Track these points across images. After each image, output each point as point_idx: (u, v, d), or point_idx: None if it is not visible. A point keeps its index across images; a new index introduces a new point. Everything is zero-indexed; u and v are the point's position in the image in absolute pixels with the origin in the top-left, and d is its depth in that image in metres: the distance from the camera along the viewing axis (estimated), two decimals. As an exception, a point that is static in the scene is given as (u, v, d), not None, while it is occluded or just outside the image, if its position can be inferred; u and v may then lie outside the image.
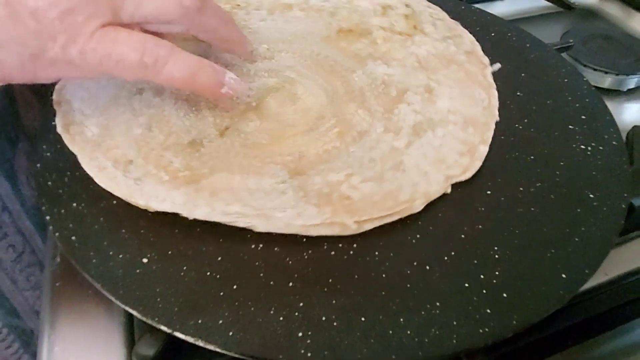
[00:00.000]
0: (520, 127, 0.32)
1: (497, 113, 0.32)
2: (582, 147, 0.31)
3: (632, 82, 0.47)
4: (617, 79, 0.46)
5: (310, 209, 0.24)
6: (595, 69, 0.46)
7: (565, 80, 0.36)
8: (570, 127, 0.32)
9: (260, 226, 0.24)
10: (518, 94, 0.34)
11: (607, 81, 0.47)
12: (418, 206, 0.25)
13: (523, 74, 0.36)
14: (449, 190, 0.27)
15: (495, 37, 0.40)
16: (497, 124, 0.31)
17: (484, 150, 0.29)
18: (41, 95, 0.46)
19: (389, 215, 0.25)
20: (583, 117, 0.33)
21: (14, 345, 0.45)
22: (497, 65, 0.35)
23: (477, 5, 0.57)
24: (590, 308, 0.27)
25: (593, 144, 0.31)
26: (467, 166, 0.28)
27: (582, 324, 0.26)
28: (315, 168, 0.26)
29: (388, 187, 0.25)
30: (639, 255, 0.30)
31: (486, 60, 0.36)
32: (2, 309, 0.43)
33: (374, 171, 0.26)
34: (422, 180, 0.26)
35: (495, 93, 0.33)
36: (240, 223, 0.24)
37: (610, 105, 0.46)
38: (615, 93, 0.47)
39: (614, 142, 0.31)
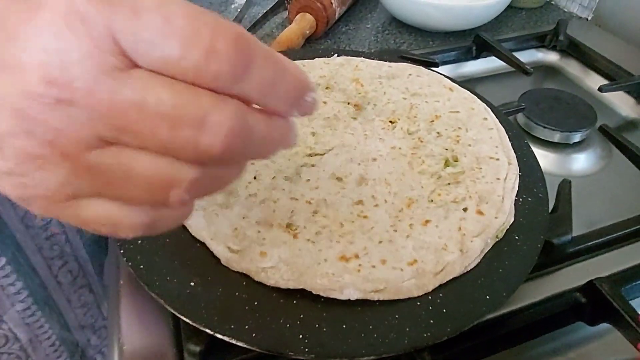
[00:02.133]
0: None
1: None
2: (516, 198, 0.40)
3: (576, 136, 0.56)
4: (564, 135, 0.56)
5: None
6: (545, 127, 0.56)
7: (511, 142, 0.46)
8: (508, 182, 0.42)
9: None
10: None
11: (556, 136, 0.56)
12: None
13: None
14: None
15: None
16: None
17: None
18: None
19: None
20: (520, 173, 0.43)
21: (63, 355, 0.54)
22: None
23: (449, 65, 0.68)
24: (513, 323, 0.37)
25: (524, 196, 0.41)
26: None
27: (506, 336, 0.36)
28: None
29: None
30: (559, 282, 0.39)
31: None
32: (57, 324, 0.52)
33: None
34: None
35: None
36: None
37: (559, 156, 0.57)
38: (563, 146, 0.57)
39: (540, 195, 0.41)
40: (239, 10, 0.75)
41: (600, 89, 0.60)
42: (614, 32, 0.76)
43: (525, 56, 0.72)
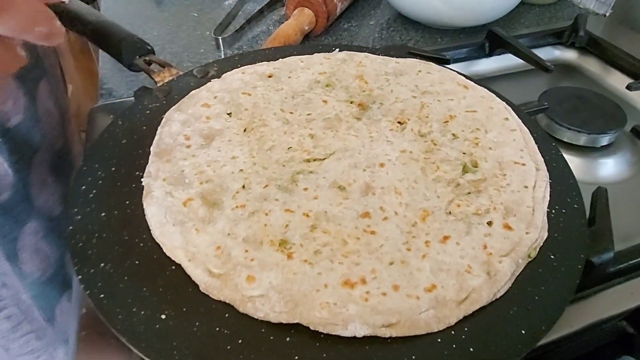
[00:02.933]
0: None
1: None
2: (548, 210, 0.35)
3: (604, 139, 0.51)
4: (590, 137, 0.51)
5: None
6: (569, 129, 0.51)
7: (537, 145, 0.40)
8: (537, 190, 0.36)
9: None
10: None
11: (581, 139, 0.51)
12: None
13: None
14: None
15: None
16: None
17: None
18: (59, 173, 0.50)
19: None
20: (550, 181, 0.37)
21: None
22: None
23: (460, 64, 0.62)
24: (557, 356, 0.31)
25: (557, 207, 0.35)
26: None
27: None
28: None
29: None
30: (600, 308, 0.34)
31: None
32: None
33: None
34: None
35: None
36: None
37: (585, 161, 0.51)
38: (589, 149, 0.51)
39: (575, 205, 0.35)
40: (232, 6, 0.70)
41: (628, 87, 0.55)
42: (635, 29, 0.71)
43: (541, 54, 0.67)
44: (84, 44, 1.17)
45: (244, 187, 0.35)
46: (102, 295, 0.27)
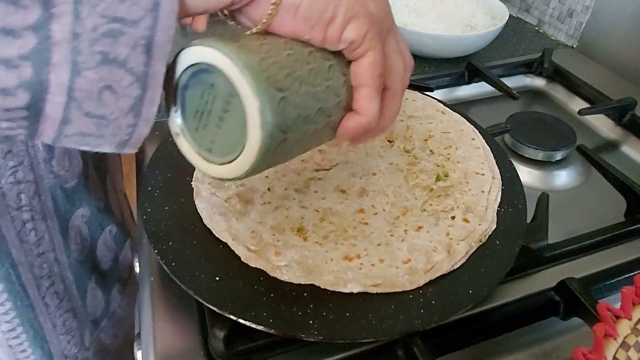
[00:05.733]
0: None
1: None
2: (498, 208, 0.46)
3: (558, 155, 0.62)
4: (546, 153, 0.62)
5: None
6: (529, 146, 0.62)
7: (496, 159, 0.52)
8: (492, 194, 0.48)
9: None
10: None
11: (539, 155, 0.62)
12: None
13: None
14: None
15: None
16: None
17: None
18: (103, 173, 0.60)
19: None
20: (503, 187, 0.48)
21: None
22: None
23: (443, 90, 0.74)
24: (495, 317, 0.42)
25: (506, 207, 0.46)
26: (418, 222, 0.43)
27: (488, 328, 0.41)
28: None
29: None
30: (538, 282, 0.45)
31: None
32: (40, 349, 0.51)
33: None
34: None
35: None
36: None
37: (543, 173, 0.62)
38: (546, 163, 0.62)
39: (519, 206, 0.46)
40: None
41: (580, 112, 0.66)
42: (597, 60, 0.82)
43: (515, 81, 0.79)
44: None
45: (269, 189, 0.46)
46: (173, 264, 0.39)
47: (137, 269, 0.50)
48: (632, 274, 0.45)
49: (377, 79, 0.30)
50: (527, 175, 0.61)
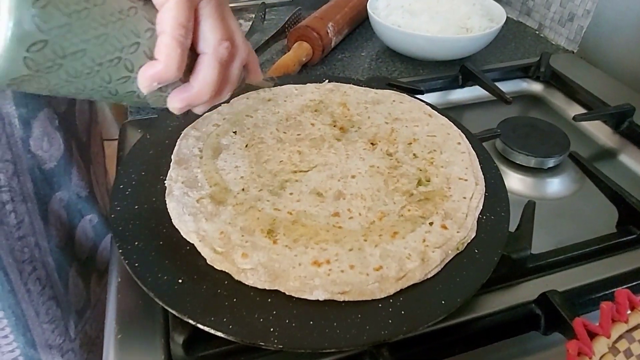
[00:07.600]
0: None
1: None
2: (480, 215, 0.44)
3: (550, 162, 0.60)
4: (538, 160, 0.60)
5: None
6: (520, 152, 0.60)
7: (481, 165, 0.50)
8: (475, 201, 0.46)
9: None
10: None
11: (532, 161, 0.60)
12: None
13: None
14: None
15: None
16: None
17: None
18: (87, 163, 0.59)
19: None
20: (486, 194, 0.47)
21: None
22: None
23: (437, 93, 0.72)
24: (471, 329, 0.40)
25: (488, 214, 0.44)
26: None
27: (463, 340, 0.39)
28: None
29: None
30: (520, 294, 0.43)
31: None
32: (24, 338, 0.50)
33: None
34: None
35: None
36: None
37: (535, 180, 0.60)
38: (538, 170, 0.60)
39: (502, 213, 0.45)
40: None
41: (574, 118, 0.64)
42: (597, 65, 0.80)
43: (511, 86, 0.77)
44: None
45: (243, 190, 0.45)
46: (136, 264, 0.37)
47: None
48: (620, 288, 0.43)
49: (176, 27, 0.31)
50: (518, 182, 0.60)
